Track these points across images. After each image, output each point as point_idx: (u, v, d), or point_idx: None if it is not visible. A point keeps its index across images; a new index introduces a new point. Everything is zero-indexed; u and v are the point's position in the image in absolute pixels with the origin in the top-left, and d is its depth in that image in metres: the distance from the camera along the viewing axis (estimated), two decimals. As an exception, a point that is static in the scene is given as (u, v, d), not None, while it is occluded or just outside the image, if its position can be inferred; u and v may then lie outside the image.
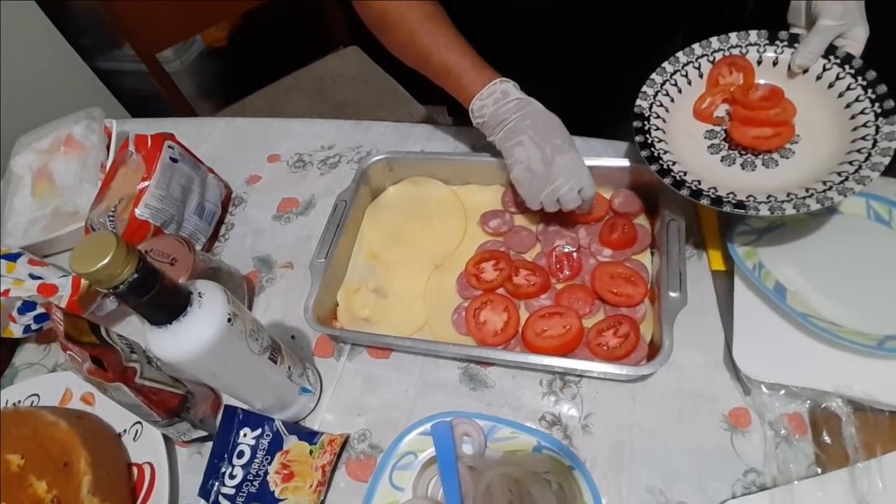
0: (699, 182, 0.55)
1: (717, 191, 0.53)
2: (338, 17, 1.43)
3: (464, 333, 0.60)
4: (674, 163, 0.57)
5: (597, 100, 0.82)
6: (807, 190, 0.51)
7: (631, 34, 0.74)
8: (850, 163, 0.52)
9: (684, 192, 0.54)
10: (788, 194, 0.52)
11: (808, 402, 0.51)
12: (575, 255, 0.63)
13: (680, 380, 0.55)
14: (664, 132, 0.60)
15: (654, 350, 0.54)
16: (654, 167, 0.56)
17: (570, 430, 0.54)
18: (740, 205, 0.51)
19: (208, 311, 0.43)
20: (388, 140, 0.83)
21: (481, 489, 0.50)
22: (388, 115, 1.30)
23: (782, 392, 0.50)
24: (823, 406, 0.49)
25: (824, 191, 0.50)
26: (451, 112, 1.01)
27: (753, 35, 0.60)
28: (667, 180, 0.55)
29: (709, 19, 0.83)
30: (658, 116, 0.60)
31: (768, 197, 0.52)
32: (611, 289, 0.59)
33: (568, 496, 0.49)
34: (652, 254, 0.62)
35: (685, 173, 0.56)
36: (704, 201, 0.52)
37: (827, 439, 0.49)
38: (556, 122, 0.62)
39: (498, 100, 0.62)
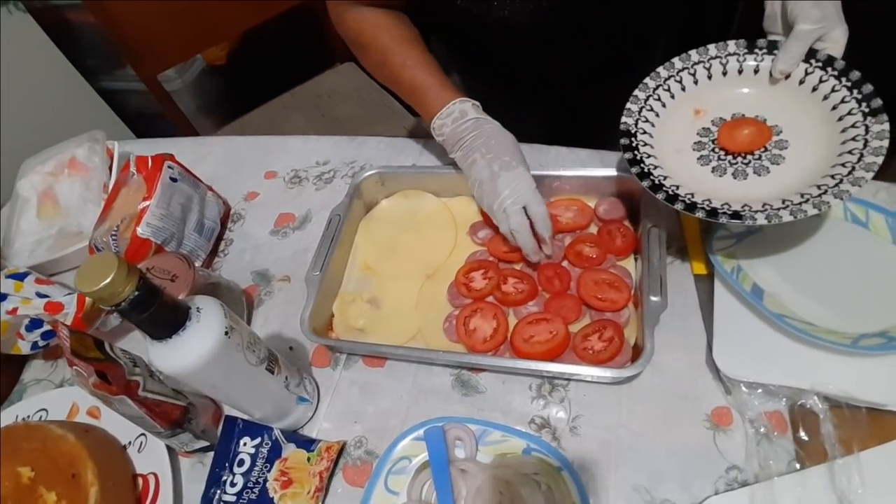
0: (692, 195, 0.54)
1: (711, 202, 0.52)
2: (334, 34, 1.45)
3: (455, 341, 0.62)
4: (665, 177, 0.56)
5: (583, 111, 0.84)
6: (802, 195, 0.50)
7: (614, 49, 0.76)
8: (843, 165, 0.51)
9: (678, 206, 0.53)
10: (784, 201, 0.50)
11: (787, 399, 0.52)
12: (564, 263, 0.65)
13: (664, 381, 0.56)
14: (652, 147, 0.59)
15: (637, 353, 0.55)
16: (645, 183, 0.55)
17: (558, 433, 0.56)
18: (736, 215, 0.50)
19: (206, 325, 0.45)
20: (381, 155, 0.86)
21: (473, 491, 0.51)
22: (385, 129, 1.33)
23: (760, 391, 0.52)
24: (801, 403, 0.51)
25: (819, 195, 0.49)
26: None
27: (732, 45, 0.59)
28: (660, 195, 0.54)
29: (694, 32, 0.84)
30: (645, 132, 0.60)
31: (763, 205, 0.50)
32: (595, 294, 0.60)
33: (557, 496, 0.51)
34: (636, 259, 0.64)
35: (677, 187, 0.55)
36: (700, 214, 0.51)
37: (805, 436, 0.50)
38: (509, 141, 0.65)
39: (456, 119, 0.65)
